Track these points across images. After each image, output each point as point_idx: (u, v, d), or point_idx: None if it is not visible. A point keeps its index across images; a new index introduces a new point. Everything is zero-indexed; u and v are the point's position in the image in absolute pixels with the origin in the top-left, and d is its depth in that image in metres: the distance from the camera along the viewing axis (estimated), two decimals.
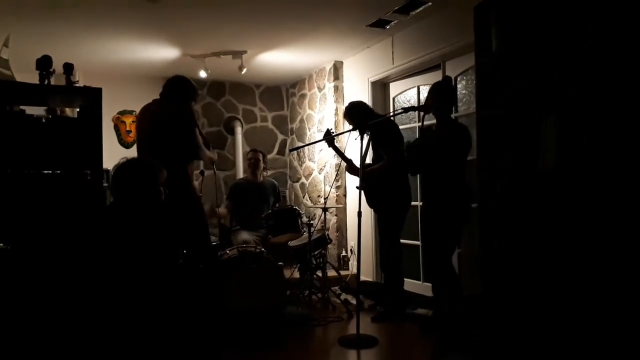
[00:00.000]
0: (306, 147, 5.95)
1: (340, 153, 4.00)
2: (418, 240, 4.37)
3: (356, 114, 3.77)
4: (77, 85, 2.89)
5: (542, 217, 2.72)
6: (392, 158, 3.58)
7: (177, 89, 3.41)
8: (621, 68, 2.39)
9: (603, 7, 2.46)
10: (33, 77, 2.74)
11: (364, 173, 3.45)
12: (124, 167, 2.47)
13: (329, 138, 3.91)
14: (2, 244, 2.58)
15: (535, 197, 2.76)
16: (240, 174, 6.00)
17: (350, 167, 3.95)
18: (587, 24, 2.53)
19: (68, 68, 2.84)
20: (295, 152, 6.28)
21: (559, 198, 2.63)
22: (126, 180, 2.43)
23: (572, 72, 2.61)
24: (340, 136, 4.61)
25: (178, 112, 3.30)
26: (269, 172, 5.88)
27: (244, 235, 4.49)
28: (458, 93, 3.99)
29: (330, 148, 4.02)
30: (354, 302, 4.07)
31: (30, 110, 2.82)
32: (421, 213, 3.46)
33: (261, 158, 4.92)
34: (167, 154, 3.09)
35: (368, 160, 3.86)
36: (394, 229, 3.70)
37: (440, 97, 3.31)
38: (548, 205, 2.69)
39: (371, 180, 3.64)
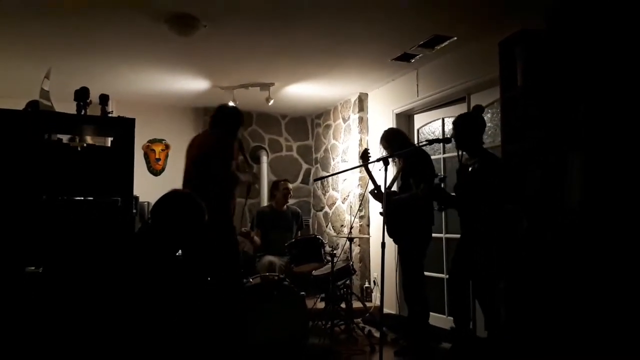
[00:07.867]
0: (330, 177, 5.98)
1: (371, 176, 3.96)
2: (442, 273, 4.32)
3: (393, 140, 3.78)
4: (111, 115, 2.98)
5: (567, 252, 2.67)
6: (422, 190, 3.53)
7: (219, 119, 3.44)
8: None
9: (634, 44, 2.46)
10: (70, 107, 2.85)
11: (392, 200, 3.40)
12: (178, 199, 2.44)
13: (366, 161, 3.87)
14: (34, 267, 2.67)
15: (561, 232, 2.72)
16: (265, 202, 6.05)
17: (377, 192, 3.90)
18: (616, 59, 2.53)
19: (104, 99, 2.93)
20: (319, 181, 6.33)
21: (584, 234, 2.58)
22: (177, 214, 2.38)
23: (598, 107, 2.60)
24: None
25: (215, 145, 3.29)
26: (293, 201, 5.91)
27: (270, 258, 4.50)
28: None
29: (363, 168, 3.98)
30: (377, 334, 4.01)
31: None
32: (458, 245, 3.42)
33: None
34: (203, 184, 3.10)
35: (394, 188, 3.86)
36: (418, 261, 3.66)
37: (468, 130, 3.28)
38: (574, 242, 2.64)
39: (396, 208, 3.60)
